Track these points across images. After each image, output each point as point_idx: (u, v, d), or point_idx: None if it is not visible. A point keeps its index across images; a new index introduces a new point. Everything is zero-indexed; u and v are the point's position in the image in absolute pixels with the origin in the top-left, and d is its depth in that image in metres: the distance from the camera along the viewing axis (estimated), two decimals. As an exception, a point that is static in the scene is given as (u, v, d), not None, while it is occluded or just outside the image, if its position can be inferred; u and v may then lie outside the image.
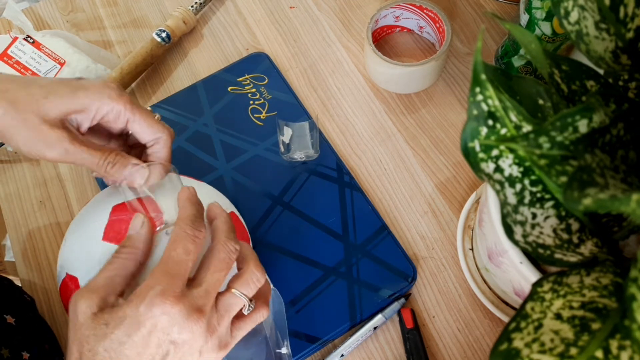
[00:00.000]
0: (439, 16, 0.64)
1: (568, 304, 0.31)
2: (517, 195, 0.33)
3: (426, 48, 0.69)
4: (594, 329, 0.29)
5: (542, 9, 0.54)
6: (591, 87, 0.37)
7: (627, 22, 0.37)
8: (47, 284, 0.59)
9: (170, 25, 0.70)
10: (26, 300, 0.56)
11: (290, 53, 0.70)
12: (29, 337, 0.52)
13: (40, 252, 0.61)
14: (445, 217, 0.59)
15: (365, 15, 0.72)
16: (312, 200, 0.60)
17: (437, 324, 0.54)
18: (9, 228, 0.63)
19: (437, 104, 0.65)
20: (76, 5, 0.77)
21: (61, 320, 0.58)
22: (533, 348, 0.28)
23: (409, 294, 0.56)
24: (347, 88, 0.67)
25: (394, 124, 0.65)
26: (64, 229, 0.62)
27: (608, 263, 0.33)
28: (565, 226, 0.34)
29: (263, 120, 0.65)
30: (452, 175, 0.61)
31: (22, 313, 0.54)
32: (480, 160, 0.32)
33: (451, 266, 0.57)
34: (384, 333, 0.55)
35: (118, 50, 0.73)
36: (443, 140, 0.63)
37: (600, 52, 0.37)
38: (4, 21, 0.76)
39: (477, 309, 0.55)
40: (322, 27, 0.72)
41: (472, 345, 0.53)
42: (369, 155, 0.63)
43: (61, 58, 0.67)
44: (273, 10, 0.74)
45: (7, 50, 0.67)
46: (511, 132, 0.31)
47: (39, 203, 0.63)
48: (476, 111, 0.31)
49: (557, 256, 0.33)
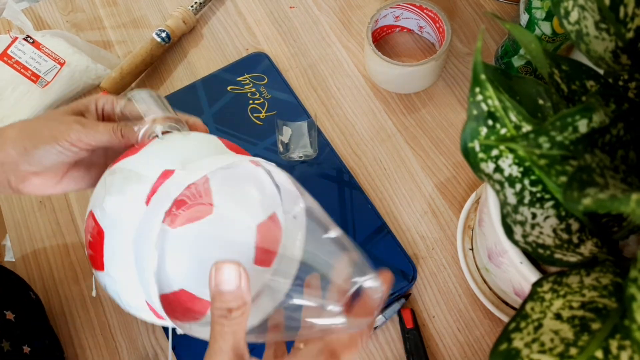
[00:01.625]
0: (439, 16, 0.63)
1: (568, 304, 0.31)
2: (517, 195, 0.33)
3: (426, 48, 0.69)
4: (594, 329, 0.29)
5: (542, 8, 0.54)
6: (591, 87, 0.37)
7: (627, 22, 0.37)
8: (47, 283, 0.59)
9: (170, 25, 0.70)
10: (31, 297, 0.56)
11: (290, 53, 0.70)
12: (30, 332, 0.52)
13: (40, 252, 0.61)
14: (445, 217, 0.59)
15: (365, 15, 0.72)
16: (311, 200, 0.60)
17: (437, 324, 0.54)
18: (9, 228, 0.63)
19: (437, 104, 0.65)
20: (76, 5, 0.77)
21: (61, 319, 0.58)
22: (533, 348, 0.28)
23: (409, 293, 0.56)
24: (347, 88, 0.67)
25: (394, 124, 0.65)
26: (63, 229, 0.62)
27: (608, 263, 0.33)
28: (565, 226, 0.34)
29: (262, 119, 0.65)
30: (452, 175, 0.61)
31: (25, 309, 0.54)
32: (480, 160, 0.32)
33: (451, 266, 0.57)
34: (384, 333, 0.55)
35: (118, 50, 0.73)
36: (443, 140, 0.63)
37: (600, 52, 0.37)
38: (3, 21, 0.76)
39: (477, 309, 0.55)
40: (322, 27, 0.72)
41: (472, 345, 0.53)
42: (369, 155, 0.63)
43: (61, 58, 0.67)
44: (273, 10, 0.74)
45: (7, 50, 0.67)
46: (511, 132, 0.31)
47: (39, 203, 0.63)
48: (476, 111, 0.31)
49: (557, 256, 0.33)
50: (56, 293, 0.59)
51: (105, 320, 0.57)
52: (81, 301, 0.58)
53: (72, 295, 0.59)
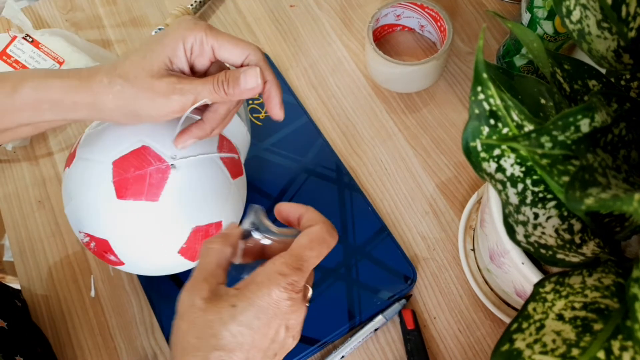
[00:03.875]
0: (440, 15, 0.63)
1: (570, 304, 0.30)
2: (518, 195, 0.33)
3: (427, 47, 0.69)
4: (596, 329, 0.29)
5: (544, 8, 0.54)
6: (593, 87, 0.37)
7: (629, 22, 0.36)
8: (46, 284, 0.59)
9: (169, 24, 0.70)
10: (17, 305, 0.56)
11: (291, 52, 0.70)
12: (21, 341, 0.52)
13: (39, 252, 0.61)
14: (447, 217, 0.59)
15: (366, 14, 0.72)
16: (311, 201, 0.59)
17: (438, 325, 0.54)
18: (8, 228, 0.62)
19: (439, 104, 0.65)
20: (75, 4, 0.76)
21: (60, 319, 0.57)
22: (535, 349, 0.28)
23: (410, 294, 0.56)
24: (348, 87, 0.67)
25: (395, 123, 0.64)
26: (62, 228, 0.62)
27: (610, 263, 0.33)
28: (567, 226, 0.34)
29: (262, 120, 0.65)
30: (454, 175, 0.61)
31: (14, 317, 0.53)
32: (482, 160, 0.32)
33: (452, 267, 0.57)
34: (385, 334, 0.54)
35: (117, 49, 0.73)
36: (444, 140, 0.63)
37: (602, 51, 0.37)
38: (3, 20, 0.76)
39: (479, 310, 0.54)
40: (323, 26, 0.72)
41: (473, 346, 0.53)
42: (369, 155, 0.63)
43: (60, 57, 0.67)
44: (273, 8, 0.74)
45: (6, 49, 0.67)
46: (513, 131, 0.31)
47: (38, 203, 0.63)
48: (478, 110, 0.31)
49: (559, 256, 0.33)
50: (55, 293, 0.59)
51: (104, 321, 0.57)
52: (80, 301, 0.58)
53: (71, 296, 0.58)
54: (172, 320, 0.35)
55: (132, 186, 0.45)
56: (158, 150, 0.45)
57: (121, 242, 0.46)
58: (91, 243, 0.47)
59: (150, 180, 0.45)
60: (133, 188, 0.45)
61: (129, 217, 0.45)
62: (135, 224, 0.45)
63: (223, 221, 0.49)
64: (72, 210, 0.47)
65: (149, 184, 0.45)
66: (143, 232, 0.46)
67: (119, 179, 0.45)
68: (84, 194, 0.46)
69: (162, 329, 0.55)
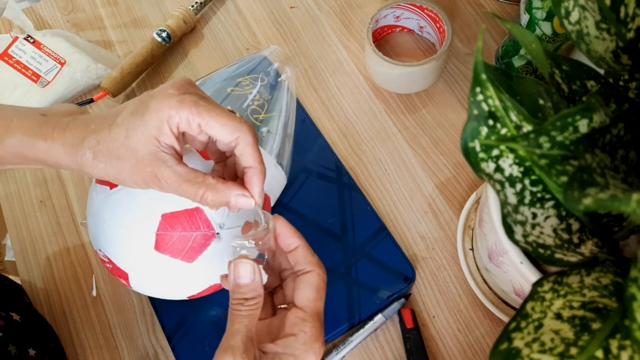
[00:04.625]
0: (440, 16, 0.64)
1: (568, 303, 0.31)
2: (517, 195, 0.33)
3: (426, 48, 0.69)
4: (594, 328, 0.29)
5: (543, 9, 0.54)
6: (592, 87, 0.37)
7: (628, 22, 0.37)
8: (47, 283, 0.59)
9: (170, 25, 0.70)
10: (26, 301, 0.56)
11: (291, 53, 0.70)
12: (34, 335, 0.52)
13: (41, 252, 0.61)
14: (446, 217, 0.59)
15: (365, 15, 0.72)
16: (311, 201, 0.60)
17: (438, 324, 0.54)
18: (10, 227, 0.63)
19: (438, 104, 0.65)
20: (76, 5, 0.77)
21: (61, 319, 0.58)
22: (533, 348, 0.28)
23: (409, 294, 0.56)
24: (348, 88, 0.67)
25: (394, 124, 0.65)
26: (64, 228, 0.62)
27: (608, 263, 0.33)
28: (566, 226, 0.34)
29: (262, 121, 0.65)
30: (453, 175, 0.61)
31: (25, 312, 0.54)
32: (481, 160, 0.32)
33: (451, 266, 0.57)
34: (384, 333, 0.55)
35: (118, 50, 0.73)
36: (443, 140, 0.63)
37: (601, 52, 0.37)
38: (4, 21, 0.76)
39: (477, 309, 0.55)
40: (323, 27, 0.72)
41: (472, 345, 0.53)
42: (369, 155, 0.63)
43: (61, 58, 0.67)
44: (273, 10, 0.74)
45: (7, 50, 0.67)
46: (511, 132, 0.31)
47: (40, 203, 0.63)
48: (476, 111, 0.31)
49: (558, 256, 0.33)
50: (56, 292, 0.59)
51: (105, 320, 0.57)
52: (81, 301, 0.58)
53: (72, 295, 0.59)
54: (172, 319, 0.36)
55: (173, 245, 0.44)
56: (209, 216, 0.44)
57: (140, 280, 0.47)
58: (108, 264, 0.47)
59: (192, 244, 0.44)
60: (174, 247, 0.44)
61: (158, 267, 0.44)
62: (161, 274, 0.45)
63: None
64: (100, 231, 0.46)
65: (191, 247, 0.44)
66: (165, 281, 0.46)
67: (164, 234, 0.43)
68: (122, 227, 0.45)
69: (163, 328, 0.55)
